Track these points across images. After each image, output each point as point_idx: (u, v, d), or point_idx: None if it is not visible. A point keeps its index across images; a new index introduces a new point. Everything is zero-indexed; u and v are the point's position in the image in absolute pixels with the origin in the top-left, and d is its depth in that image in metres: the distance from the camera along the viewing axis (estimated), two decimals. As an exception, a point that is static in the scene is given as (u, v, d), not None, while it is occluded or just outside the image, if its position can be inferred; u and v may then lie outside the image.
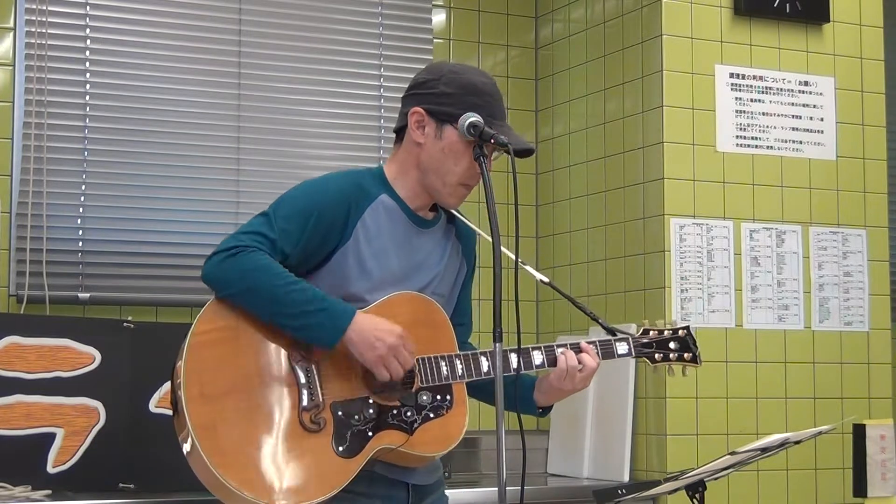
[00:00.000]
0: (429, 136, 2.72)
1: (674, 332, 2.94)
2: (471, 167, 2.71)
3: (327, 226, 2.66)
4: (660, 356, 2.92)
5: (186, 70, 4.38)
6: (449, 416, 2.67)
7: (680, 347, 2.94)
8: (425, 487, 2.78)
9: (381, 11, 4.70)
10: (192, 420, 2.52)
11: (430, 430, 2.65)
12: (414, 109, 2.73)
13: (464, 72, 2.76)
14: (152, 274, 4.24)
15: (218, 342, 2.59)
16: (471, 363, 2.70)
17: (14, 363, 3.66)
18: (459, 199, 2.78)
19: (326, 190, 2.70)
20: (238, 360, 2.59)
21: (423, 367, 2.67)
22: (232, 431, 2.53)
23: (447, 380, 2.68)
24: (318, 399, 2.59)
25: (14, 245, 4.09)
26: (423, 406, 2.65)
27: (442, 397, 2.68)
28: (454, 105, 2.69)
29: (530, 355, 2.77)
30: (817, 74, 4.51)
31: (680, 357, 2.94)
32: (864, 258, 4.52)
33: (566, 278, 4.71)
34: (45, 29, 4.15)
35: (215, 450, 2.52)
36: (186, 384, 2.54)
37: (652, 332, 2.93)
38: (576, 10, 4.79)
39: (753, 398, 4.28)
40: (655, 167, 4.28)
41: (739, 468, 3.16)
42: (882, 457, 3.77)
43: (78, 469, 3.66)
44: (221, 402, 2.54)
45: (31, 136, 4.11)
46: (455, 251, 2.86)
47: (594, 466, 4.35)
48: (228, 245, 2.60)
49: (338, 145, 4.58)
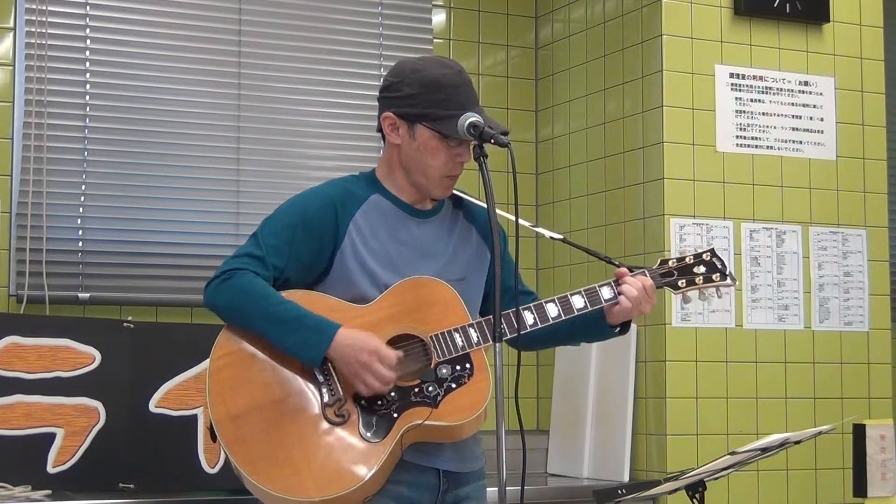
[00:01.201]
0: (403, 138, 2.78)
1: (696, 257, 2.91)
2: (449, 160, 2.75)
3: (317, 233, 2.72)
4: (683, 282, 2.88)
5: (186, 70, 4.38)
6: (471, 383, 2.70)
7: (707, 270, 2.90)
8: (460, 476, 2.80)
9: (381, 11, 4.70)
10: (224, 439, 2.62)
11: (454, 400, 2.68)
12: (385, 115, 2.79)
13: (425, 68, 2.78)
14: (152, 274, 4.24)
15: (233, 364, 2.68)
16: (484, 328, 2.72)
17: (14, 363, 3.66)
18: (446, 189, 2.83)
19: (309, 200, 2.78)
20: (257, 376, 2.67)
21: (437, 342, 2.70)
22: (262, 441, 2.61)
23: (463, 349, 2.71)
24: (339, 393, 2.65)
25: (14, 245, 4.09)
26: (443, 379, 2.69)
27: (461, 367, 2.71)
28: (420, 105, 2.73)
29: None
30: (817, 74, 4.51)
31: (708, 279, 2.88)
32: (864, 258, 4.52)
33: (566, 277, 4.71)
34: (45, 29, 4.15)
35: (248, 460, 2.60)
36: (213, 408, 2.64)
37: (671, 261, 2.91)
38: (576, 10, 4.79)
39: (753, 398, 4.28)
40: (655, 167, 4.28)
41: (739, 468, 3.16)
42: (882, 457, 3.77)
43: (78, 469, 3.66)
44: (246, 417, 2.63)
45: (31, 136, 4.11)
46: (466, 234, 2.89)
47: (594, 466, 4.35)
48: (221, 271, 2.71)
49: (338, 145, 4.58)
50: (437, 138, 2.73)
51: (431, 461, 2.74)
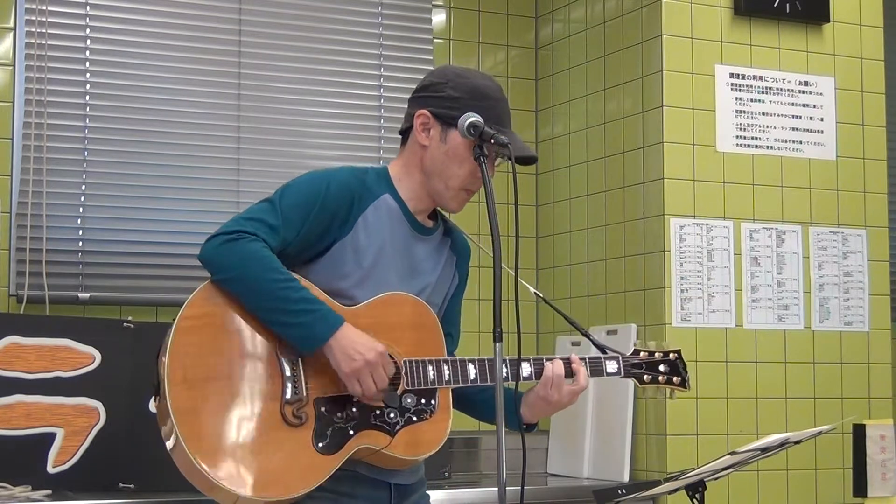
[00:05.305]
0: (434, 139, 2.74)
1: (664, 355, 2.94)
2: (474, 172, 2.71)
3: (330, 217, 2.66)
4: (648, 378, 2.92)
5: (186, 70, 4.38)
6: (432, 420, 2.67)
7: (669, 370, 2.94)
8: (407, 487, 2.78)
9: (381, 11, 4.70)
10: (173, 404, 2.50)
11: (411, 433, 2.65)
12: (420, 112, 2.74)
13: (470, 76, 2.78)
14: (152, 274, 4.24)
15: (204, 327, 2.59)
16: (458, 369, 2.70)
17: (14, 363, 3.66)
18: (461, 203, 2.79)
19: (331, 182, 2.70)
20: (223, 347, 2.58)
21: (410, 369, 2.66)
22: (212, 419, 2.52)
23: (433, 384, 2.68)
24: (302, 393, 2.58)
25: (14, 245, 4.09)
26: (406, 409, 2.65)
27: (426, 401, 2.67)
28: (460, 109, 2.70)
29: (519, 366, 2.75)
30: (817, 74, 4.51)
31: (669, 380, 2.93)
32: (864, 258, 4.52)
33: (566, 278, 4.71)
34: (45, 29, 4.15)
35: (193, 435, 2.50)
36: (170, 368, 2.53)
37: (643, 353, 2.94)
38: (576, 10, 4.79)
39: (753, 398, 4.28)
40: (655, 167, 4.28)
41: (739, 468, 3.16)
42: (882, 457, 3.77)
43: (78, 469, 3.66)
44: (203, 388, 2.53)
45: (31, 136, 4.11)
46: (449, 263, 2.87)
47: (594, 466, 4.35)
48: (230, 229, 2.61)
49: (338, 145, 4.58)
50: (468, 147, 2.69)
51: (387, 476, 2.71)
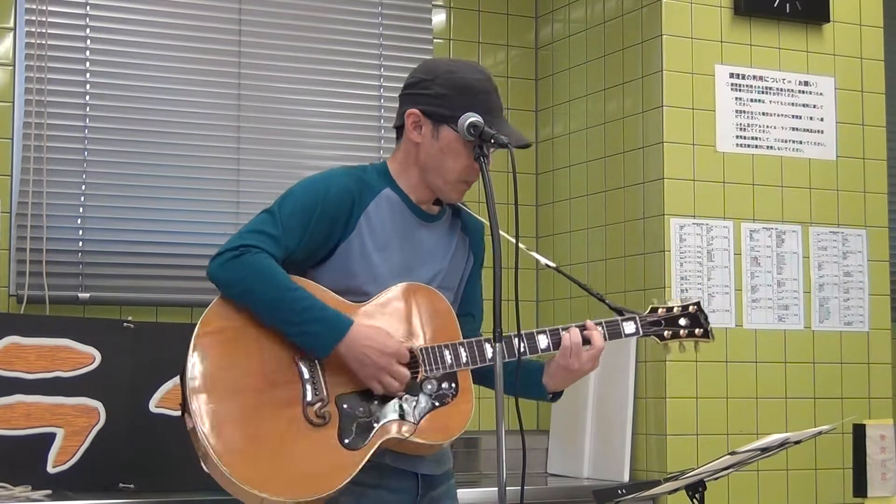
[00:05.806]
0: (426, 137, 2.73)
1: (683, 308, 2.91)
2: (470, 164, 2.72)
3: (331, 221, 2.67)
4: (669, 333, 2.88)
5: (186, 70, 4.38)
6: (454, 403, 2.68)
7: (690, 323, 2.90)
8: (434, 478, 2.79)
9: (381, 11, 4.70)
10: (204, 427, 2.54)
11: (435, 418, 2.65)
12: (410, 111, 2.74)
13: (458, 70, 2.75)
14: (152, 274, 4.24)
15: (221, 343, 2.61)
16: (475, 350, 2.71)
17: (14, 363, 3.66)
18: (460, 194, 2.80)
19: (330, 186, 2.70)
20: (241, 360, 2.61)
21: (427, 356, 2.68)
22: (239, 431, 2.55)
23: (451, 368, 2.68)
24: (323, 393, 2.60)
25: (14, 245, 4.09)
26: (428, 395, 2.66)
27: (447, 385, 2.69)
28: (450, 107, 2.69)
29: (535, 339, 2.77)
30: (817, 74, 4.51)
31: (691, 333, 2.89)
32: (864, 258, 4.52)
33: (566, 278, 4.70)
34: (45, 29, 4.15)
35: (224, 449, 2.53)
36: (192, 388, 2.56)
37: (660, 309, 2.91)
38: (576, 10, 4.79)
39: (753, 398, 4.28)
40: (655, 167, 4.28)
41: (739, 468, 3.16)
42: (882, 457, 3.77)
43: (78, 469, 3.67)
44: (228, 402, 2.56)
45: (31, 136, 4.11)
46: (462, 245, 2.87)
47: (594, 466, 4.35)
48: (234, 245, 2.62)
49: (338, 145, 4.58)
50: (461, 141, 2.69)
51: (413, 466, 2.72)
